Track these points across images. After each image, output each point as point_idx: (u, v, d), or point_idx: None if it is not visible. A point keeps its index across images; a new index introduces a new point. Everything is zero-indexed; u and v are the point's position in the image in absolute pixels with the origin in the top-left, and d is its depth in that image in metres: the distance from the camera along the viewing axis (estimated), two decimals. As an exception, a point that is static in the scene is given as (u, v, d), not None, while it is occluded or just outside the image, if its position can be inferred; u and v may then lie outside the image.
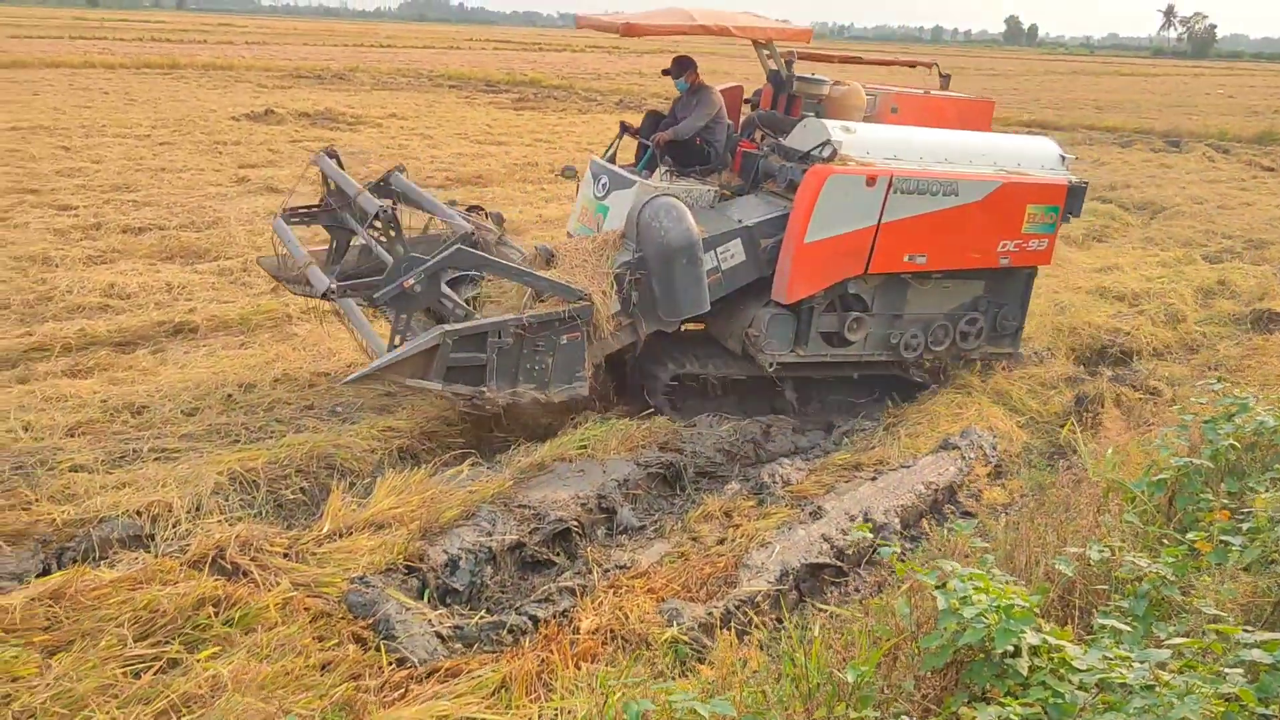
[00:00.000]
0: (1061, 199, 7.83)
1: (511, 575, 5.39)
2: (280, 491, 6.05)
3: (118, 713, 3.93)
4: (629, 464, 6.39)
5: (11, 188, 14.46)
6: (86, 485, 5.88)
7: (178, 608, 4.50)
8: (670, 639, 4.46)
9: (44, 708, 3.93)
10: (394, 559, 5.11)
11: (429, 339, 6.23)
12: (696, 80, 8.07)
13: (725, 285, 7.26)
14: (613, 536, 5.87)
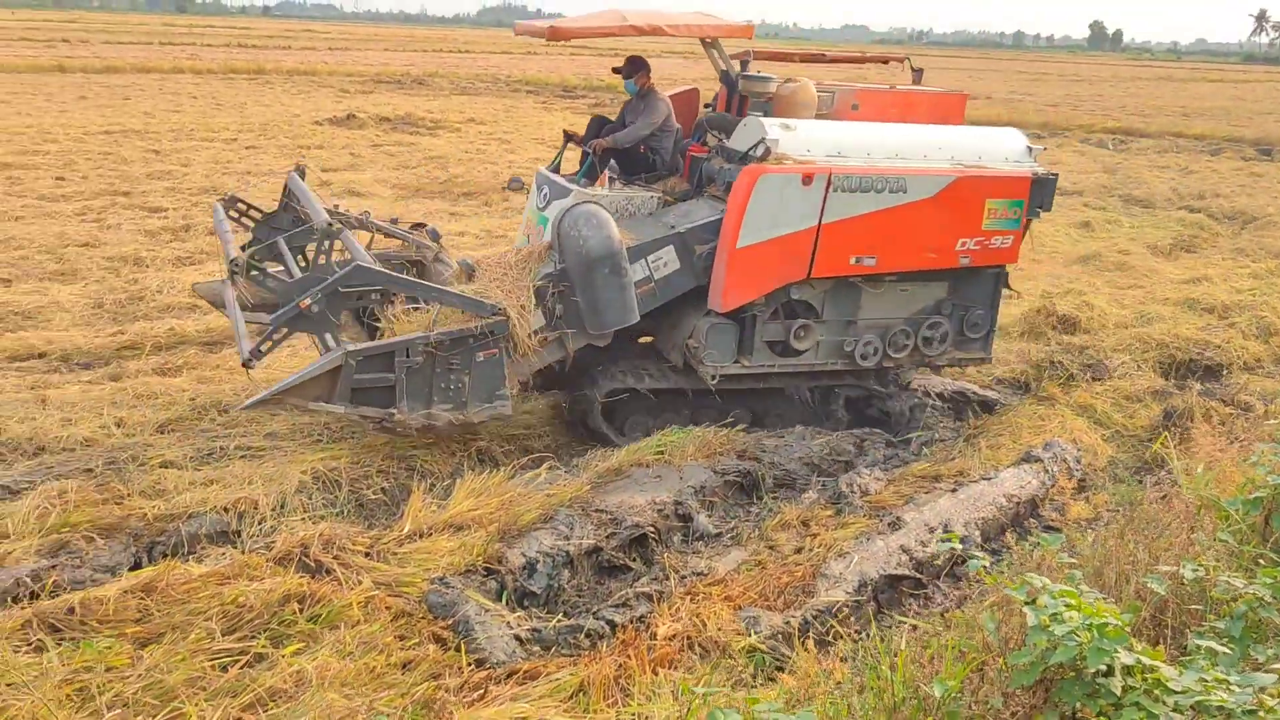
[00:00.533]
0: (1025, 192, 7.34)
1: (588, 579, 5.41)
2: (362, 491, 6.14)
3: (206, 705, 4.01)
4: (706, 471, 6.38)
5: (105, 190, 14.90)
6: (176, 481, 6.03)
7: (264, 603, 4.59)
8: (748, 647, 4.44)
9: (136, 698, 4.02)
10: (473, 561, 5.16)
11: (330, 360, 6.08)
12: (647, 84, 7.69)
13: (660, 295, 6.93)
14: (689, 543, 5.86)
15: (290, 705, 4.03)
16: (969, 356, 7.87)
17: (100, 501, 5.69)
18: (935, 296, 7.62)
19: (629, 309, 6.75)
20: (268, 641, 4.44)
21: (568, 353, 6.90)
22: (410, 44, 66.53)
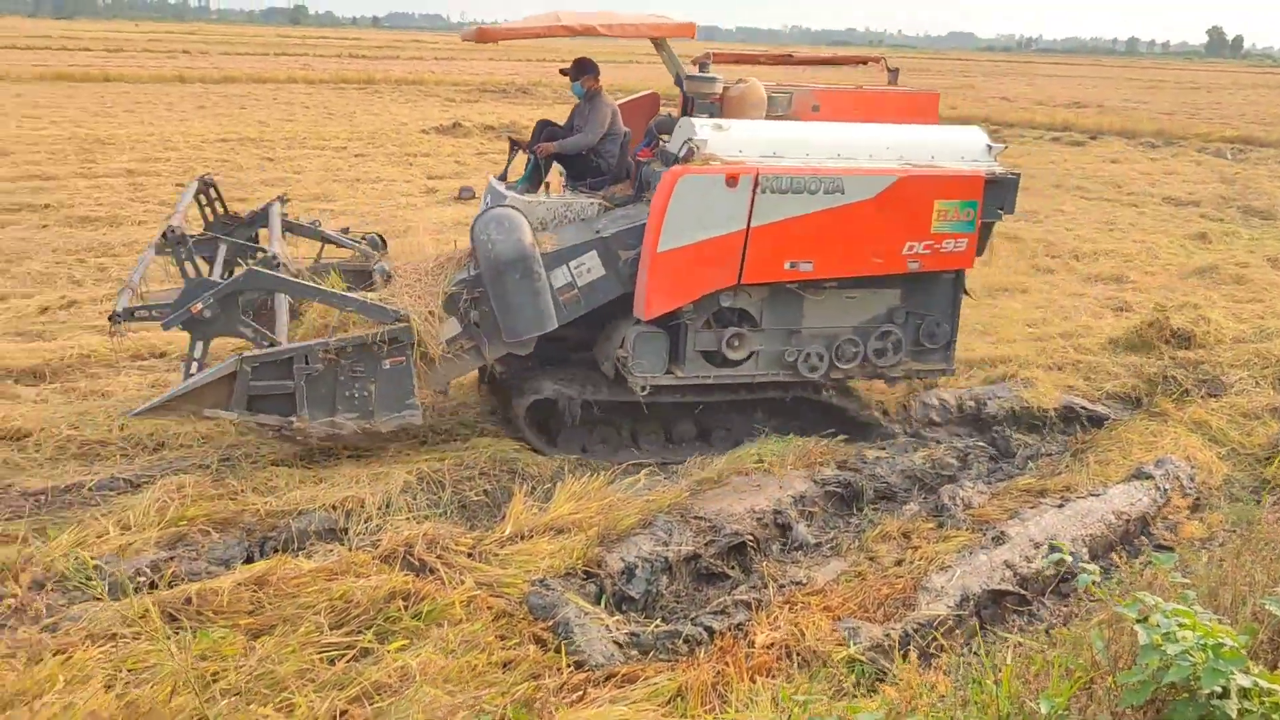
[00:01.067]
0: (979, 193, 6.92)
1: (686, 586, 5.43)
2: (465, 493, 6.25)
3: (314, 696, 4.12)
4: (806, 480, 6.35)
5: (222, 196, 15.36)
6: (287, 479, 6.21)
7: (370, 600, 4.71)
8: (847, 658, 4.41)
9: (248, 687, 4.16)
10: (573, 564, 5.22)
11: (225, 366, 6.04)
12: (594, 87, 7.43)
13: (585, 302, 6.68)
14: (788, 552, 5.83)
15: (395, 700, 4.12)
16: (927, 368, 7.44)
17: (216, 496, 5.89)
18: (886, 304, 7.23)
19: (544, 316, 6.54)
20: (373, 637, 4.55)
21: (485, 361, 6.81)
22: (514, 53, 67.36)
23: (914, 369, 7.39)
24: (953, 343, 7.40)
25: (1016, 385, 8.16)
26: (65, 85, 34.19)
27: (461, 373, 6.83)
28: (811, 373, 7.05)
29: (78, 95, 30.79)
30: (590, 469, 6.61)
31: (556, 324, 6.60)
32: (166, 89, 34.53)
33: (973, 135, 7.30)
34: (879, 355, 7.19)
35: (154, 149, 20.07)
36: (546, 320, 6.55)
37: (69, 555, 5.23)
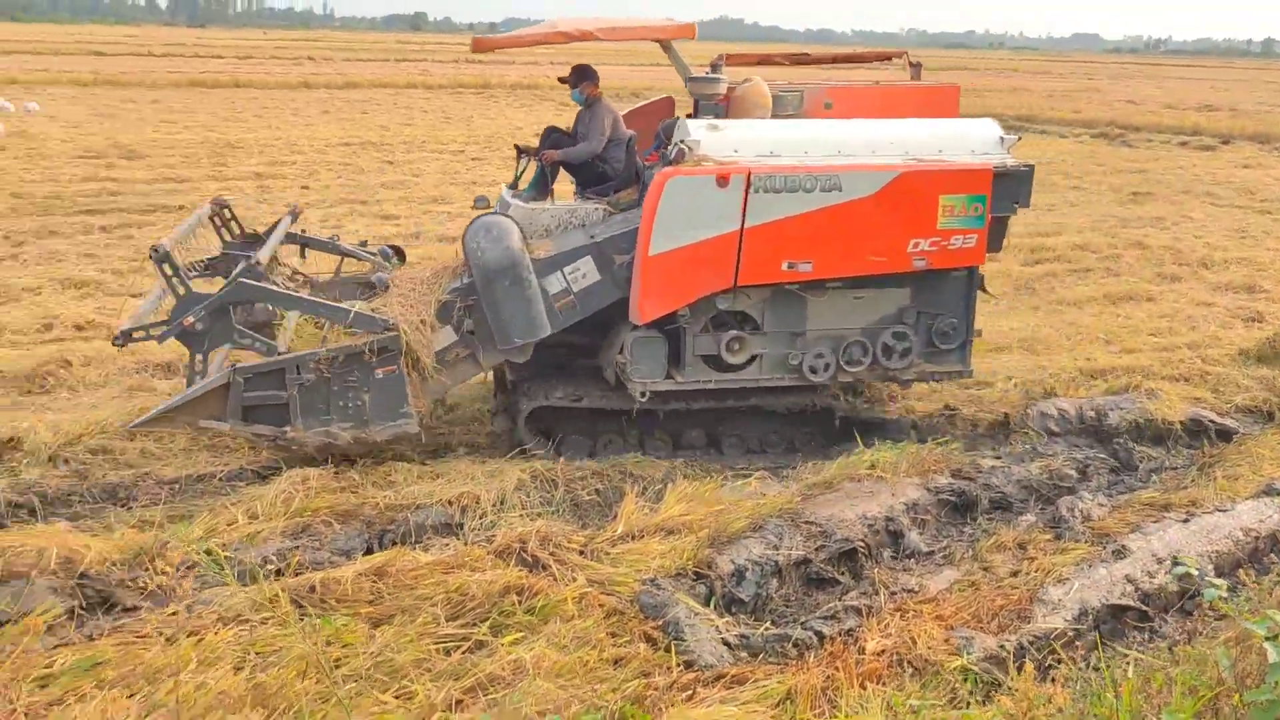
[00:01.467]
0: (987, 186, 6.66)
1: (796, 590, 5.42)
2: (577, 492, 6.34)
3: (431, 685, 4.24)
4: (919, 488, 6.28)
5: (344, 198, 15.86)
6: (405, 474, 6.38)
7: (485, 593, 4.82)
8: (960, 668, 4.36)
9: (368, 673, 4.30)
10: (683, 564, 5.25)
11: (218, 378, 6.15)
12: (593, 93, 7.37)
13: (582, 308, 6.61)
14: (899, 560, 5.78)
15: (508, 692, 4.21)
16: (942, 369, 7.17)
17: (338, 490, 6.08)
18: (896, 304, 6.98)
19: (536, 322, 6.50)
20: (488, 630, 4.65)
21: (482, 369, 6.83)
22: (629, 57, 67.75)
23: (928, 370, 7.15)
24: (968, 342, 7.15)
25: (1140, 396, 7.93)
26: (198, 91, 35.59)
27: (459, 381, 6.87)
28: (816, 376, 6.87)
29: (209, 101, 32.01)
30: (702, 472, 6.64)
31: (550, 330, 6.57)
32: (293, 94, 35.67)
33: (984, 127, 7.06)
34: (889, 357, 6.96)
35: (280, 152, 20.75)
36: (539, 327, 6.52)
37: (201, 542, 5.47)
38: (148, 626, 4.64)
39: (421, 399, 6.50)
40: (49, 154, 19.55)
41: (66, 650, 4.42)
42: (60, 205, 14.73)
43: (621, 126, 7.32)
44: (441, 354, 6.55)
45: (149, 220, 13.87)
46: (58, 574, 5.09)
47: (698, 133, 6.53)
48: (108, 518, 5.87)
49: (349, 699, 4.13)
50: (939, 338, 7.03)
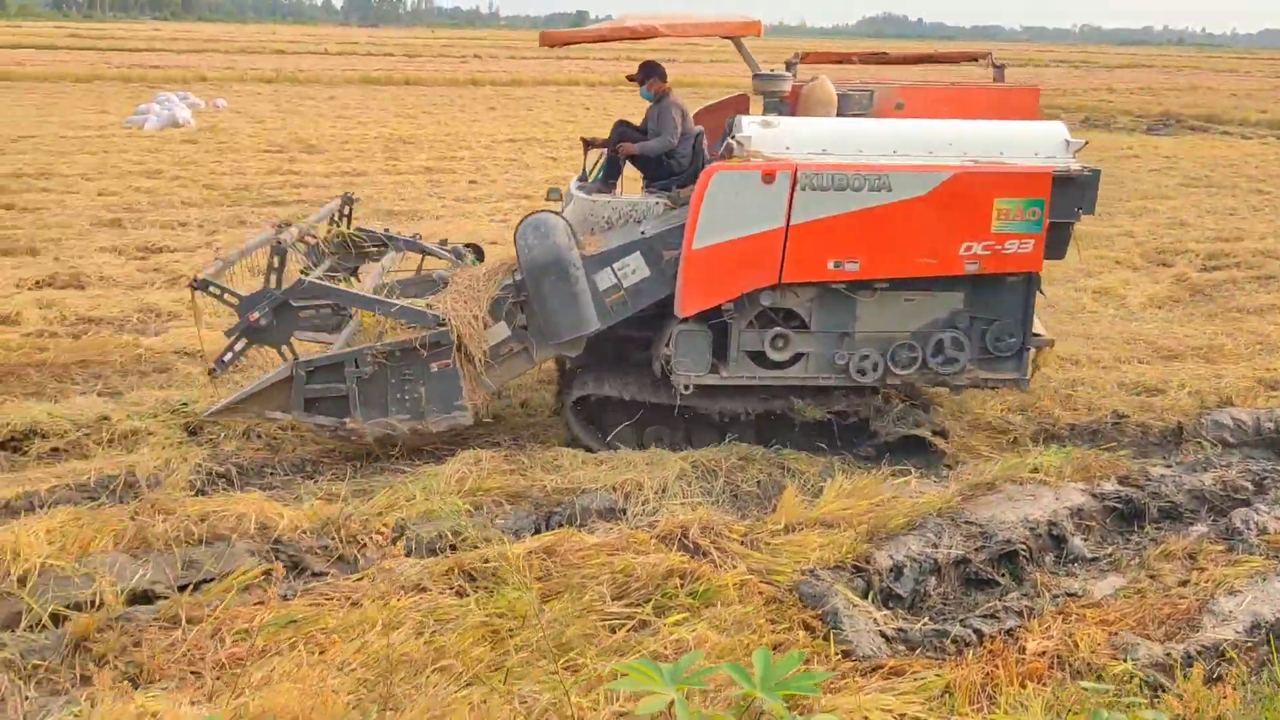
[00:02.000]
0: (1045, 190, 6.44)
1: (954, 588, 5.43)
2: (737, 483, 6.47)
3: (596, 659, 4.43)
4: (1083, 494, 6.20)
5: (510, 193, 16.35)
6: (570, 460, 6.62)
7: (649, 575, 4.99)
8: (1124, 673, 4.33)
9: (539, 645, 4.52)
10: (842, 558, 5.33)
11: (281, 371, 6.42)
12: (661, 89, 7.33)
13: (632, 303, 6.65)
14: (1061, 564, 5.73)
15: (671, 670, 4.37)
16: (996, 377, 6.94)
17: (508, 472, 6.37)
18: (948, 307, 6.80)
19: (584, 318, 6.57)
20: (651, 611, 4.83)
21: (534, 363, 6.92)
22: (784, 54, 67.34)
23: (981, 377, 6.94)
24: (1025, 350, 6.91)
25: (1327, 408, 7.62)
26: (371, 88, 37.00)
27: (513, 375, 7.00)
28: (863, 377, 6.76)
29: (381, 97, 33.26)
30: (859, 468, 6.69)
31: (599, 325, 6.64)
32: (460, 91, 36.76)
33: (1050, 130, 6.83)
34: (940, 361, 6.80)
35: (449, 148, 21.47)
36: (587, 322, 6.59)
37: (382, 515, 5.81)
38: (336, 590, 4.97)
39: (477, 392, 6.70)
40: (237, 148, 20.69)
41: (264, 608, 4.77)
42: (248, 196, 15.61)
43: (690, 122, 7.38)
44: (495, 349, 6.71)
45: (328, 213, 14.57)
46: (254, 538, 5.51)
47: (750, 129, 6.55)
48: (297, 489, 6.28)
49: (520, 667, 4.36)
50: (994, 344, 6.86)
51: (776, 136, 6.55)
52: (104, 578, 5.01)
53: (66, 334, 8.88)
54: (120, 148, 19.96)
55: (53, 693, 4.32)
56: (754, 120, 6.65)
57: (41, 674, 4.40)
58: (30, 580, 4.98)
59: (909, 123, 6.94)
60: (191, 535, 5.44)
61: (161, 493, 5.87)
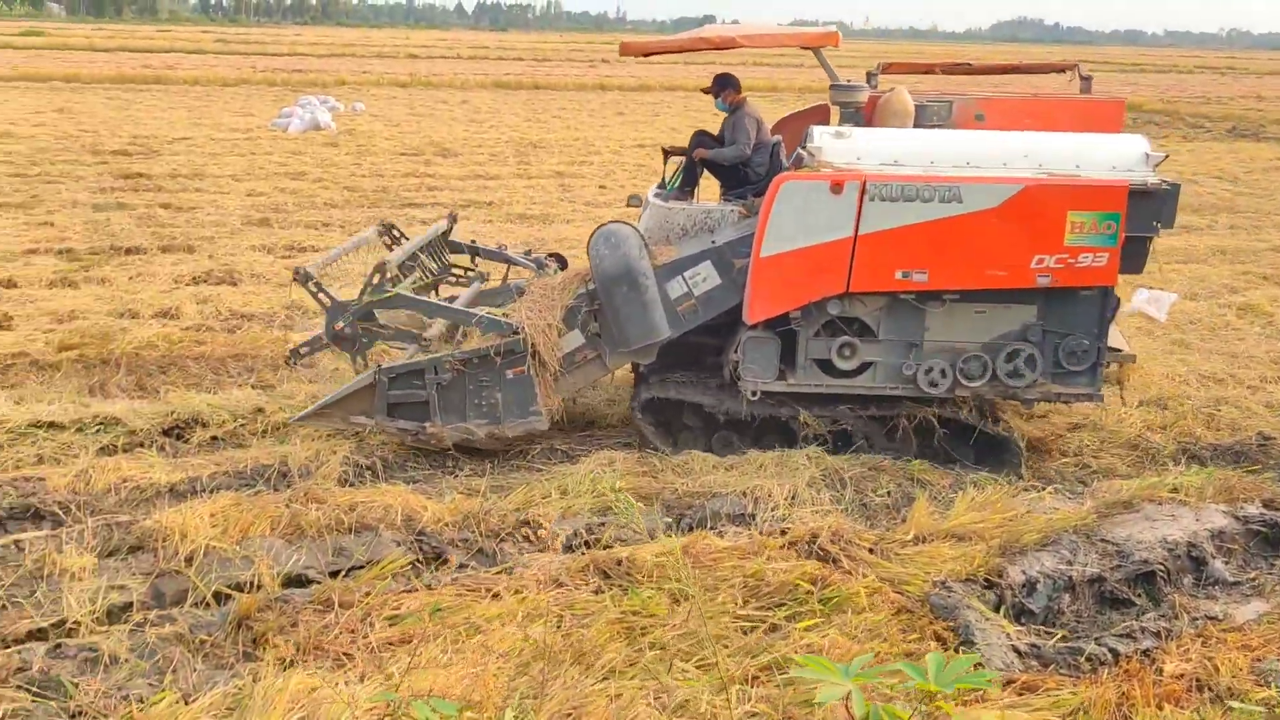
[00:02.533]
0: (1121, 204, 6.32)
1: (1088, 606, 5.37)
2: (866, 493, 6.51)
3: (728, 660, 4.54)
4: (1225, 516, 6.05)
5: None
6: (701, 464, 6.75)
7: (780, 581, 5.08)
8: (1268, 699, 4.25)
9: (672, 644, 4.64)
10: (973, 571, 5.33)
11: (365, 377, 6.66)
12: (735, 99, 7.49)
13: (703, 311, 6.80)
14: (1200, 587, 5.61)
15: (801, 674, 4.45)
16: (1069, 391, 6.85)
17: (640, 473, 6.53)
18: (1020, 320, 6.74)
19: (654, 326, 6.73)
20: (782, 616, 4.91)
21: (608, 370, 7.07)
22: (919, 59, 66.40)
23: (1053, 392, 6.87)
24: (1099, 365, 6.82)
25: None
26: (502, 92, 37.76)
27: (586, 381, 7.19)
28: (932, 388, 6.74)
29: (512, 101, 33.90)
30: (988, 483, 6.66)
31: (671, 333, 6.81)
32: (588, 96, 37.23)
33: (1129, 143, 6.73)
34: (1010, 374, 6.74)
35: (579, 153, 21.82)
36: (657, 330, 6.75)
37: (519, 511, 6.02)
38: (478, 582, 5.18)
39: (552, 398, 6.88)
40: (375, 150, 21.38)
41: (410, 596, 5.00)
42: (386, 198, 16.14)
43: (765, 132, 7.51)
44: (569, 356, 6.88)
45: (465, 214, 14.95)
46: (400, 529, 5.77)
47: (821, 139, 6.64)
48: (439, 483, 6.53)
49: (655, 664, 4.49)
50: (1067, 358, 6.78)
51: (848, 147, 6.65)
52: (262, 560, 5.33)
53: (221, 328, 9.36)
54: (266, 150, 20.80)
55: (218, 666, 4.61)
56: (826, 131, 6.75)
57: (208, 648, 4.70)
58: (196, 559, 5.32)
59: (982, 134, 7.00)
60: (341, 524, 5.73)
61: (313, 482, 6.16)
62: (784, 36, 7.40)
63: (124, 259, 11.72)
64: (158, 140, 21.36)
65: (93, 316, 9.43)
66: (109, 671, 4.46)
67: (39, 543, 5.40)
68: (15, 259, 11.48)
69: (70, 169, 17.57)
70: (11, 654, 4.53)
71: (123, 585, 5.13)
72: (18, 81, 34.72)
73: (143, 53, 51.23)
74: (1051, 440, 7.46)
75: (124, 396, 7.67)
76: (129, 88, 34.48)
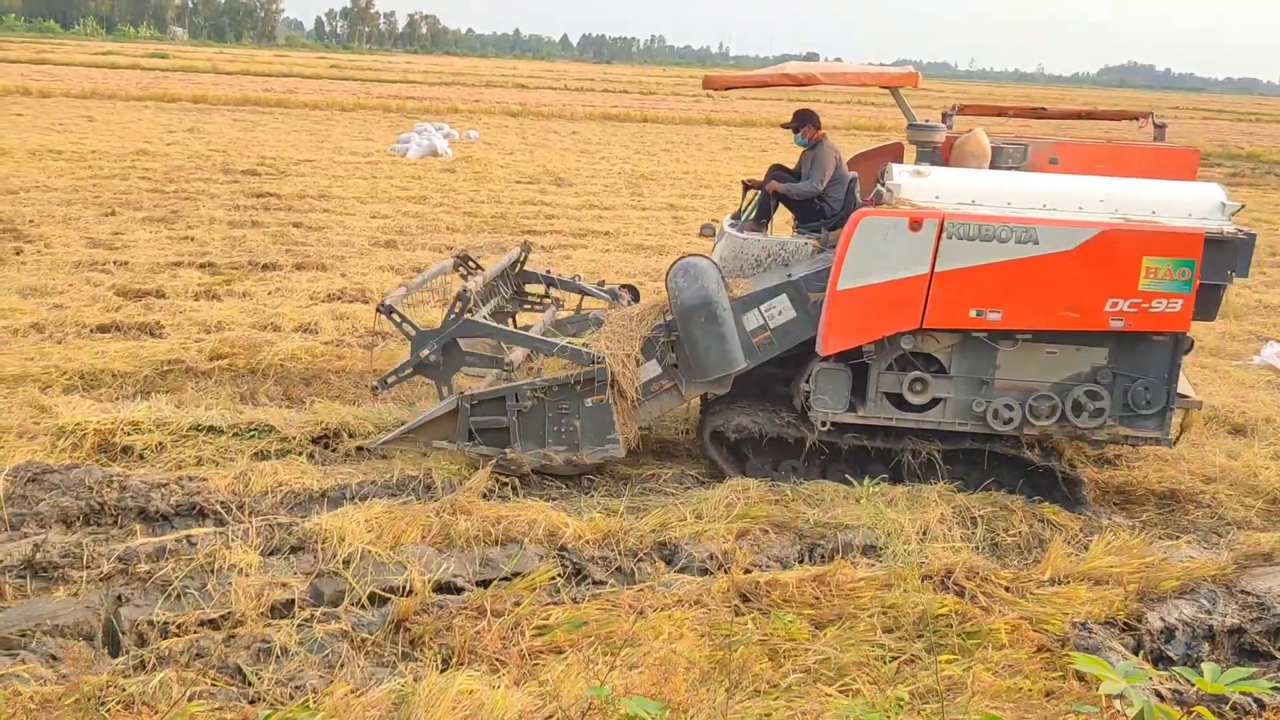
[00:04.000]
0: (1197, 251, 6.37)
1: (1227, 657, 5.36)
2: (997, 531, 6.55)
3: (868, 687, 4.64)
4: (1371, 571, 5.98)
5: (753, 232, 16.66)
6: (832, 493, 6.84)
7: (919, 613, 5.16)
8: None
9: (814, 669, 4.76)
10: (1112, 614, 5.35)
11: (448, 403, 6.87)
12: (815, 135, 7.64)
13: (779, 343, 6.90)
14: (1344, 644, 5.55)
15: (949, 704, 4.53)
16: (1138, 434, 6.92)
17: (773, 501, 6.65)
18: (1091, 362, 6.82)
19: (730, 358, 6.82)
20: (921, 648, 4.99)
21: (685, 399, 7.19)
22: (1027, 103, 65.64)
23: (1121, 434, 6.94)
24: (1169, 409, 6.88)
25: None
26: (610, 124, 38.34)
27: (664, 411, 7.27)
28: (1003, 426, 6.83)
29: (620, 134, 34.39)
30: (1128, 527, 6.66)
31: (746, 365, 6.90)
32: (696, 130, 37.64)
33: (1206, 191, 6.81)
34: (1079, 415, 6.81)
35: (690, 186, 22.09)
36: (733, 361, 6.85)
37: (656, 532, 6.19)
38: (620, 598, 5.35)
39: (629, 426, 7.02)
40: (491, 177, 21.91)
41: (557, 609, 5.20)
42: (505, 224, 16.54)
43: (844, 167, 7.63)
44: (647, 385, 7.02)
45: (583, 244, 15.31)
46: (543, 543, 5.97)
47: (900, 177, 6.75)
48: (576, 502, 6.73)
49: (798, 686, 4.61)
50: (1136, 401, 6.86)
51: (926, 185, 6.78)
52: (414, 566, 5.58)
53: (357, 344, 9.72)
54: (387, 174, 21.45)
55: (379, 663, 4.85)
56: (905, 169, 6.87)
57: (369, 646, 4.94)
58: (352, 562, 5.58)
59: (1059, 178, 7.05)
60: (488, 535, 5.97)
61: (459, 495, 6.40)
62: (864, 75, 7.57)
63: (262, 274, 12.21)
64: (284, 161, 22.15)
65: (238, 328, 9.86)
66: (279, 662, 4.72)
67: (208, 539, 5.71)
68: (162, 271, 12.05)
69: (204, 187, 18.33)
70: (190, 641, 4.83)
71: (284, 583, 5.41)
72: (148, 102, 36.30)
73: (263, 76, 53.15)
74: (1185, 493, 7.41)
75: (273, 405, 8.02)
76: (253, 110, 35.82)
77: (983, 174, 7.15)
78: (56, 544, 5.54)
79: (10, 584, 5.26)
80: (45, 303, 10.43)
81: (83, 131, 25.77)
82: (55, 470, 6.41)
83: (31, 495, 6.16)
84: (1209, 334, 11.50)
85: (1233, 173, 31.04)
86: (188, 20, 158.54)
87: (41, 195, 16.53)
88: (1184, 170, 7.31)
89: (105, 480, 6.34)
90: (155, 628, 5.04)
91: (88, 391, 8.13)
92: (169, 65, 57.32)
